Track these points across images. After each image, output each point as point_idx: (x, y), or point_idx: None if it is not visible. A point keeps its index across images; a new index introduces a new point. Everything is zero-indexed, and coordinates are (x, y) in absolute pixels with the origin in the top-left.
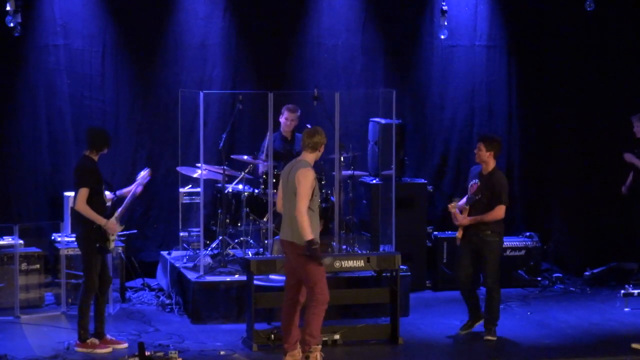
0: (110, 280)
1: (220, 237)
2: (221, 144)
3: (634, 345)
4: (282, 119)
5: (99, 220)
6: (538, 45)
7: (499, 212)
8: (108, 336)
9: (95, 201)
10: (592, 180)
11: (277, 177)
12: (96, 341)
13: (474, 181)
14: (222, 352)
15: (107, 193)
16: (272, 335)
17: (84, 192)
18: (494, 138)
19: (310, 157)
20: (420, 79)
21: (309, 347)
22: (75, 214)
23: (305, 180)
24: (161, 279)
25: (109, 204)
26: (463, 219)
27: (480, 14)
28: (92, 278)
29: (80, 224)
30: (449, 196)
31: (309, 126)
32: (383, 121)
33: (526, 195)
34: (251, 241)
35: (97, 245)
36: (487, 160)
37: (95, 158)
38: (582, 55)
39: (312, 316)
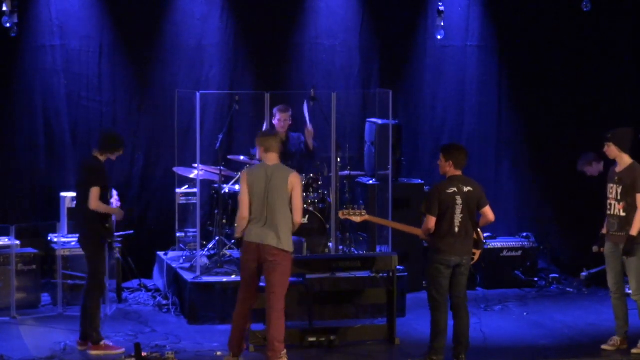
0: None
1: (217, 238)
2: (218, 145)
3: (634, 351)
4: (275, 121)
5: (112, 210)
6: (529, 45)
7: (424, 223)
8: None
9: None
10: (586, 179)
11: None
12: (109, 343)
13: None
14: (218, 353)
15: (114, 193)
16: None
17: (95, 191)
18: (451, 145)
19: (275, 157)
20: (413, 79)
21: (279, 354)
22: (79, 215)
23: (300, 185)
24: (158, 280)
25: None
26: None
27: (472, 15)
28: (98, 279)
29: (86, 224)
30: None
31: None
32: (380, 121)
33: (520, 195)
34: None
35: (103, 240)
36: (447, 170)
37: (103, 159)
38: (574, 56)
39: (281, 321)
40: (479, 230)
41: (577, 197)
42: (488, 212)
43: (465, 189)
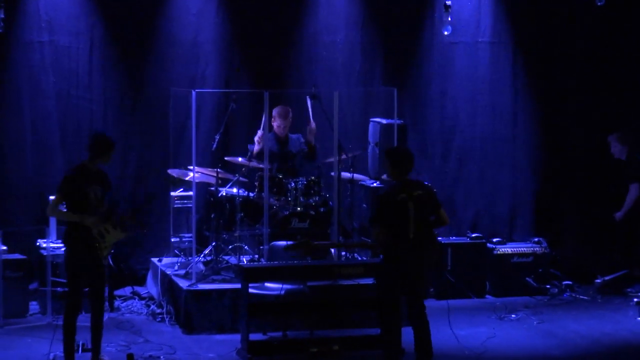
0: None
1: (214, 243)
2: (214, 146)
3: None
4: (274, 124)
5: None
6: (544, 41)
7: (375, 235)
8: None
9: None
10: (602, 182)
11: (272, 179)
12: None
13: None
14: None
15: None
16: (268, 346)
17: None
18: (395, 150)
19: None
20: (420, 76)
21: None
22: None
23: None
24: (151, 287)
25: None
26: None
27: (484, 9)
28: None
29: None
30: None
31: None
32: (384, 121)
33: (533, 199)
34: (246, 247)
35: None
36: (395, 176)
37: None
38: (590, 51)
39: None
40: (435, 235)
41: (593, 201)
42: (442, 215)
43: (415, 193)
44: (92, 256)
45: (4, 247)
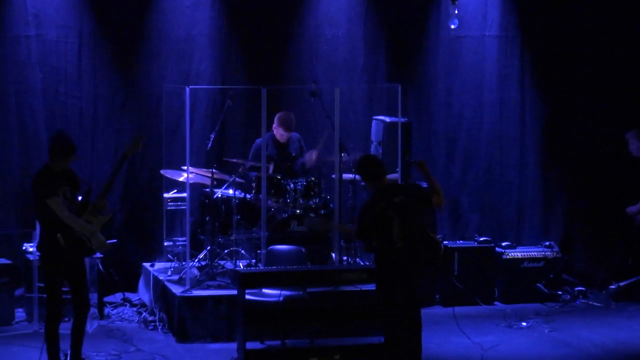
0: None
1: (209, 247)
2: (209, 145)
3: None
4: (275, 129)
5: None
6: (553, 35)
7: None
8: None
9: None
10: (616, 182)
11: (270, 180)
12: None
13: None
14: None
15: None
16: (266, 356)
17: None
18: (359, 162)
19: None
20: (425, 72)
21: None
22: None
23: None
24: (143, 294)
25: None
26: None
27: (491, 2)
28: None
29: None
30: None
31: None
32: (388, 119)
33: (543, 200)
34: (242, 251)
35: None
36: (372, 185)
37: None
38: (601, 45)
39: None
40: (431, 234)
41: (607, 203)
42: (436, 200)
43: (397, 199)
44: (80, 254)
45: None
